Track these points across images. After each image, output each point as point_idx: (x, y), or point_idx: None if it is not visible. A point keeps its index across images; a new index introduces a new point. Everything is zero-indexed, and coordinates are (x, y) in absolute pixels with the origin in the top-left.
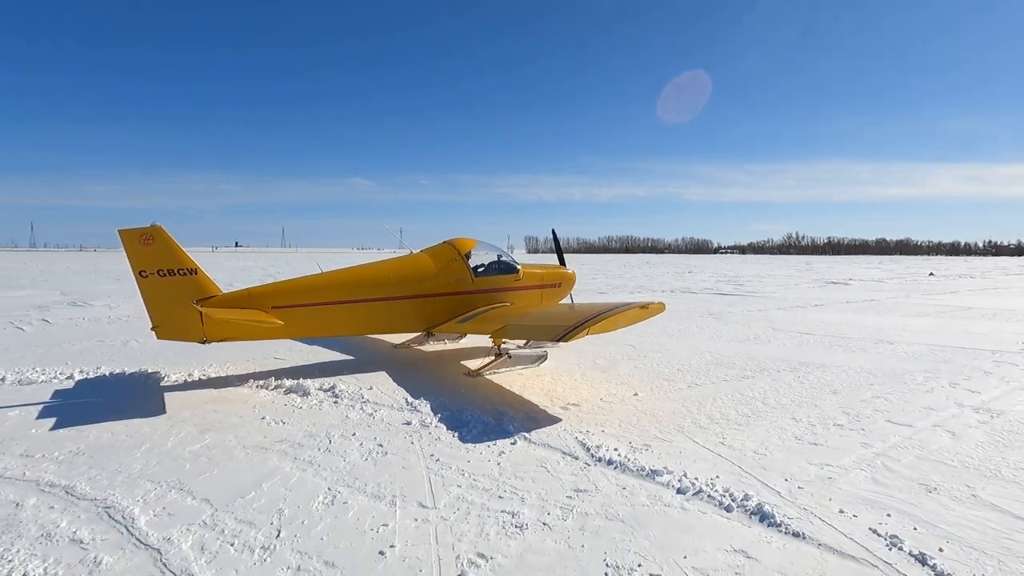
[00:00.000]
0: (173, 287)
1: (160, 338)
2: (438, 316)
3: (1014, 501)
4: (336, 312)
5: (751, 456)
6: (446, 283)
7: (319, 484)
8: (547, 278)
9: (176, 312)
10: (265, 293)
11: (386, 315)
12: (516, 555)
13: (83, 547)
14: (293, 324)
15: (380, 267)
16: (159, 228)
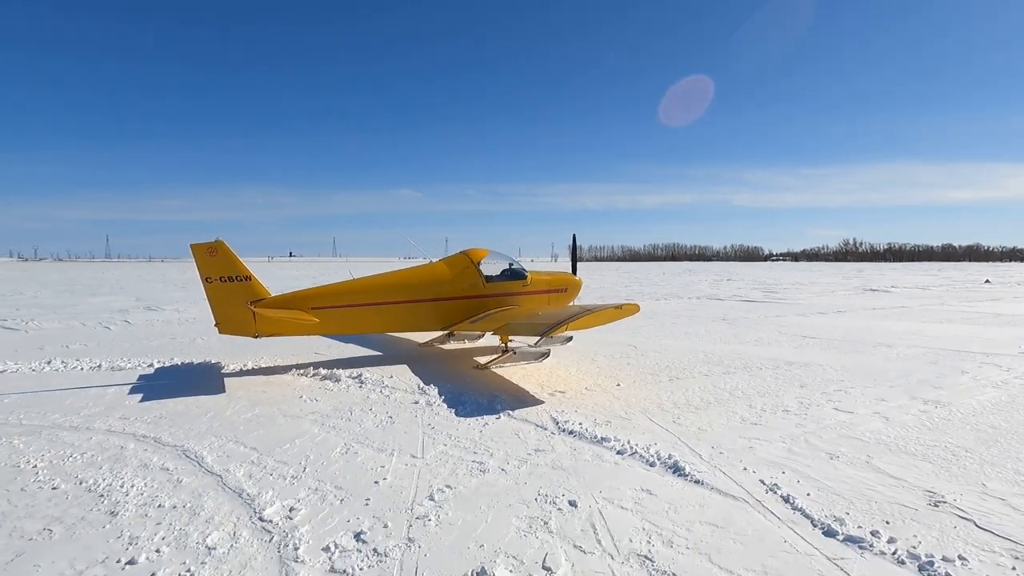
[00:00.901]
0: (232, 291)
1: (222, 333)
2: (453, 317)
3: (899, 467)
4: (365, 313)
5: (694, 432)
6: (460, 288)
7: (338, 441)
8: (553, 284)
9: (234, 311)
10: (306, 296)
11: (408, 316)
12: (474, 487)
13: (169, 472)
14: (328, 322)
15: (403, 274)
16: (221, 243)
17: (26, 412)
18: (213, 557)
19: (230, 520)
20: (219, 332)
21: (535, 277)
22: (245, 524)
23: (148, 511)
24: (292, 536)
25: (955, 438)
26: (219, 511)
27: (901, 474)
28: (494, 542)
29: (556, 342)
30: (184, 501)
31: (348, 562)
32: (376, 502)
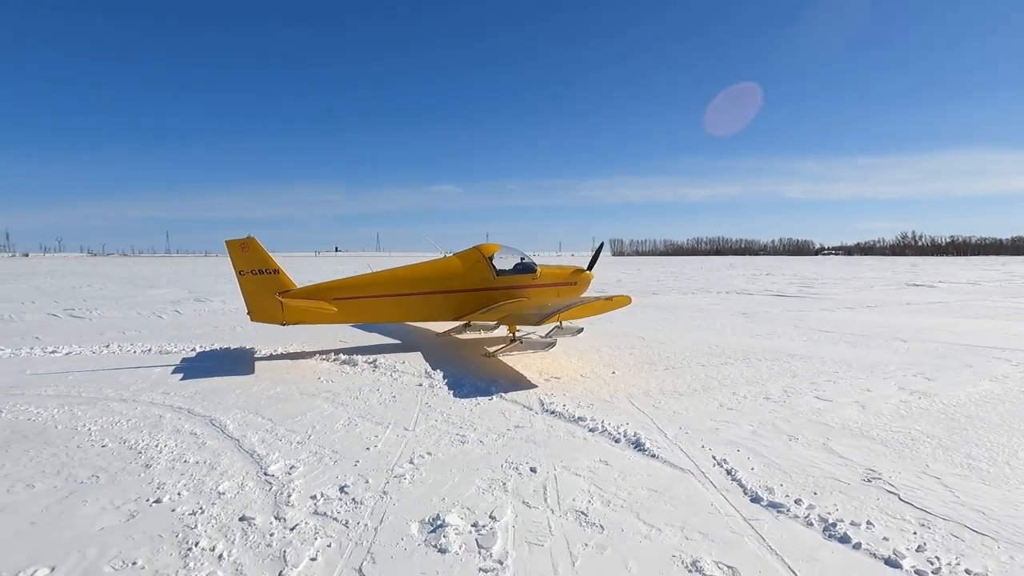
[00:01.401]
0: (262, 282)
1: (253, 320)
2: (465, 308)
3: (852, 449)
4: (382, 303)
5: (668, 415)
6: (471, 281)
7: (343, 415)
8: (562, 277)
9: (264, 301)
10: (329, 288)
11: (422, 307)
12: (451, 455)
13: (196, 436)
14: (348, 312)
15: (418, 268)
16: (252, 239)
17: (85, 386)
18: (222, 499)
19: (240, 474)
20: (251, 320)
21: (544, 271)
22: (252, 477)
23: (175, 465)
24: (288, 487)
25: (924, 426)
26: (232, 467)
27: (850, 455)
28: (455, 497)
29: (567, 333)
30: (205, 458)
31: (329, 507)
32: (364, 464)
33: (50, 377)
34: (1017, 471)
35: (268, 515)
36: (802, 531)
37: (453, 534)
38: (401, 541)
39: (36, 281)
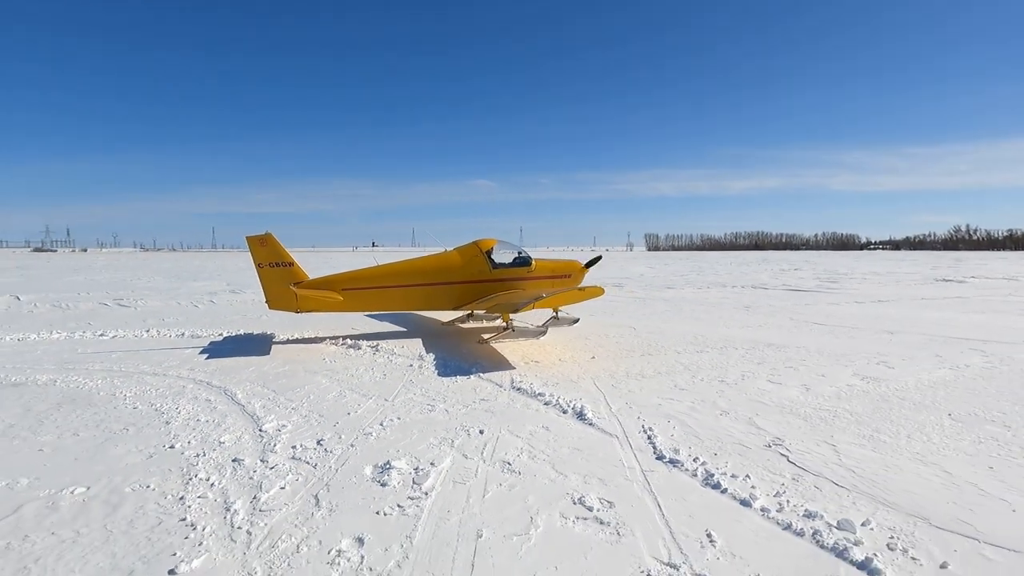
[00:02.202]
0: (278, 274)
1: (271, 308)
2: (464, 299)
3: (772, 423)
4: (386, 294)
5: (622, 393)
6: (469, 274)
7: (336, 388)
8: (557, 270)
9: (280, 291)
10: (338, 279)
11: (423, 297)
12: (417, 420)
13: (210, 402)
14: (355, 302)
15: (420, 261)
16: (270, 235)
17: (125, 363)
18: (221, 447)
19: (239, 429)
20: (269, 308)
21: (540, 264)
22: (248, 432)
23: (189, 422)
24: (276, 439)
25: (853, 405)
26: (235, 425)
27: (767, 427)
28: (407, 449)
29: (563, 323)
30: (214, 418)
31: (304, 454)
32: (341, 424)
33: (97, 355)
34: (912, 443)
35: (255, 458)
36: (685, 480)
37: (396, 474)
38: (354, 478)
39: (91, 275)
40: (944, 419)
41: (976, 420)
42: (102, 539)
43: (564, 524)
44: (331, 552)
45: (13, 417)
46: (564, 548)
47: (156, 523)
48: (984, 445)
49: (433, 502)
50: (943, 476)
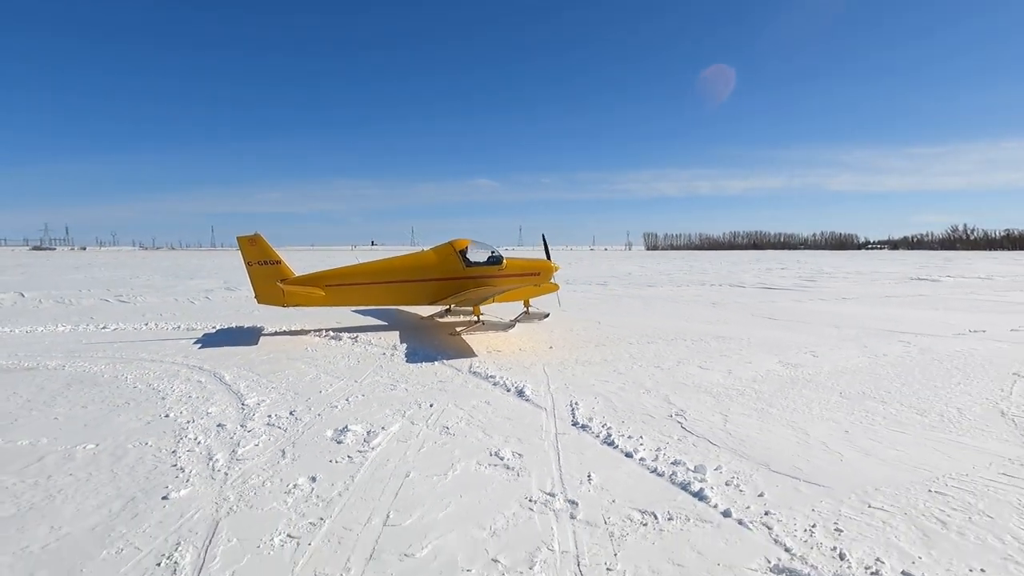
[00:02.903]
0: (266, 272)
1: (259, 303)
2: (439, 294)
3: (683, 398)
4: (366, 290)
5: (567, 377)
6: (443, 271)
7: (313, 372)
8: (527, 268)
9: (268, 287)
10: (322, 276)
11: (400, 293)
12: (378, 397)
13: (201, 383)
14: (337, 297)
15: (398, 259)
16: (259, 235)
17: (126, 352)
18: (208, 416)
19: (225, 403)
20: (257, 302)
21: (511, 263)
22: (232, 405)
23: (182, 398)
24: (255, 411)
25: (763, 386)
26: (221, 400)
27: (677, 402)
28: (365, 417)
29: (534, 318)
30: (204, 395)
31: (278, 421)
32: (312, 400)
33: (100, 345)
34: (793, 414)
35: (236, 424)
36: (588, 440)
37: (351, 435)
38: (316, 438)
39: (92, 272)
40: (834, 396)
41: (861, 397)
42: (109, 478)
43: (477, 468)
44: (289, 486)
45: (29, 394)
46: (472, 484)
47: (152, 468)
48: (854, 416)
49: (377, 454)
50: (801, 437)
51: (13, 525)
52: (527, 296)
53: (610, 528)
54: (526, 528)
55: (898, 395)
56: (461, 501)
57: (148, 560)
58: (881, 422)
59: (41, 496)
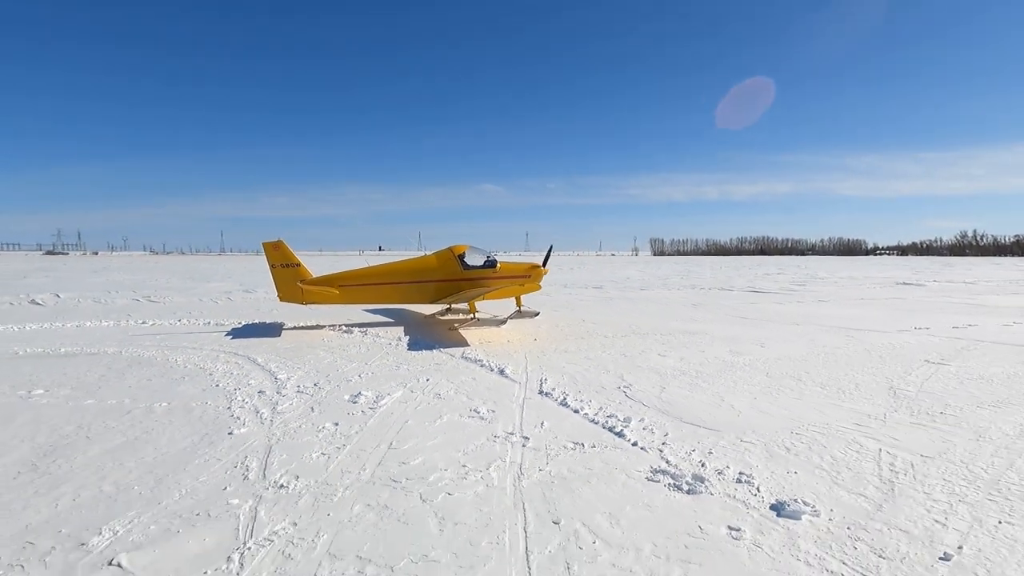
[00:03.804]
0: (288, 273)
1: (281, 300)
2: (439, 295)
3: (634, 376)
4: (374, 290)
5: (542, 361)
6: (443, 274)
7: (330, 357)
8: (519, 271)
9: (289, 287)
10: (337, 277)
11: (404, 293)
12: (385, 373)
13: (239, 364)
14: (350, 296)
15: (403, 263)
16: (281, 241)
17: (169, 341)
18: (250, 385)
19: (261, 377)
20: (279, 300)
21: (504, 266)
22: (267, 379)
23: (226, 374)
24: (287, 382)
25: (706, 368)
26: (258, 375)
27: (629, 379)
28: (373, 387)
29: (526, 316)
30: (243, 372)
31: (305, 389)
32: (331, 376)
33: (145, 336)
34: (719, 387)
35: (273, 391)
36: (548, 402)
37: (363, 398)
38: (336, 400)
39: (112, 276)
40: (760, 376)
41: (782, 377)
42: (185, 423)
43: (459, 419)
44: (319, 428)
45: (101, 371)
46: (453, 427)
47: (215, 417)
48: (768, 389)
49: (383, 410)
50: (716, 401)
51: (128, 448)
52: (513, 294)
53: (548, 451)
54: (488, 451)
55: (815, 375)
56: (444, 436)
57: (227, 465)
58: (787, 393)
59: (140, 432)
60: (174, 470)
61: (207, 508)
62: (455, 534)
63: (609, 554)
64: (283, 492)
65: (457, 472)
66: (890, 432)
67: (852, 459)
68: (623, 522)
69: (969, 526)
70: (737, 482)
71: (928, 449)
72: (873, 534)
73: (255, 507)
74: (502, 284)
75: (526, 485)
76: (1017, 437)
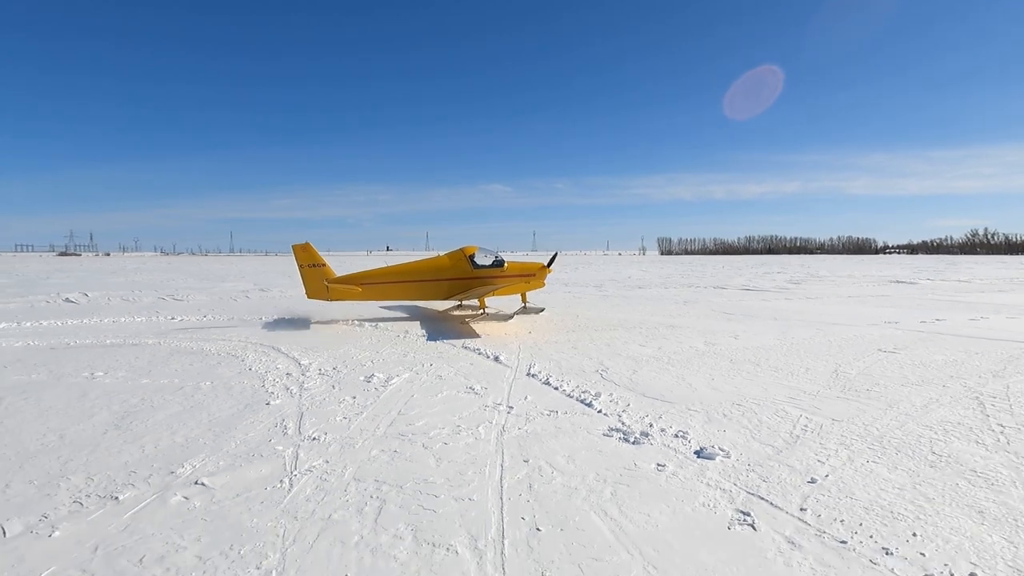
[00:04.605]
0: (315, 272)
1: (309, 298)
2: (451, 292)
3: (612, 362)
4: (393, 287)
5: (535, 351)
6: (455, 273)
7: (345, 347)
8: (524, 269)
9: (316, 285)
10: (359, 276)
11: (420, 290)
12: (393, 359)
13: (267, 352)
14: (371, 293)
15: (419, 263)
16: (309, 244)
17: (200, 334)
18: (278, 369)
19: (287, 363)
20: (307, 297)
21: (511, 265)
22: (293, 364)
23: (256, 360)
24: (309, 367)
25: (678, 356)
26: (284, 361)
27: (607, 364)
28: (384, 370)
29: (531, 312)
30: (271, 358)
31: (325, 372)
32: (348, 362)
33: (177, 331)
34: (685, 371)
35: (298, 373)
36: (533, 382)
37: (375, 379)
38: (353, 380)
39: (128, 276)
40: (724, 362)
41: (743, 362)
42: (228, 396)
43: (456, 394)
44: (340, 400)
45: (147, 359)
46: (451, 400)
47: (253, 392)
48: (726, 372)
49: (393, 388)
50: (679, 382)
51: (187, 414)
52: (518, 291)
53: (528, 416)
54: (479, 416)
55: (773, 362)
56: (443, 406)
57: (269, 426)
58: (742, 375)
59: (193, 403)
60: (228, 428)
61: (259, 452)
62: (449, 467)
63: (562, 479)
64: (316, 442)
65: (452, 430)
66: (817, 404)
67: (774, 422)
68: (577, 461)
69: (843, 463)
70: (674, 437)
71: (841, 416)
72: (766, 468)
73: (296, 451)
74: (509, 282)
75: (506, 438)
76: (922, 407)
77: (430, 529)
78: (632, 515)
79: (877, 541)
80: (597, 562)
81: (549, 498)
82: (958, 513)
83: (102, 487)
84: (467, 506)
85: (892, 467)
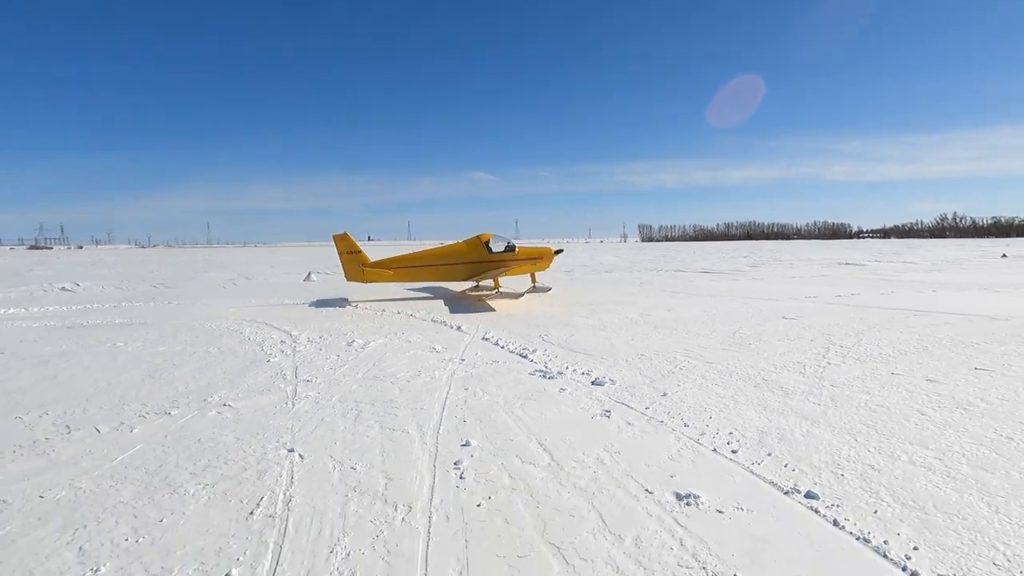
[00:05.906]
0: (352, 259)
1: (348, 281)
2: (470, 274)
3: (555, 330)
4: (421, 270)
5: (493, 323)
6: (472, 257)
7: (330, 322)
8: (533, 254)
9: (354, 269)
10: (390, 260)
11: (445, 273)
12: (373, 330)
13: (261, 328)
14: (401, 275)
15: (443, 248)
16: (347, 234)
17: (199, 314)
18: (272, 339)
19: (280, 334)
20: (346, 280)
21: (521, 250)
22: (285, 334)
23: (253, 333)
24: (299, 336)
25: (614, 325)
26: (277, 333)
27: (550, 331)
28: (363, 337)
29: (540, 291)
30: (265, 331)
31: (313, 339)
32: (332, 332)
33: (177, 314)
34: (613, 335)
35: (290, 341)
36: (486, 344)
37: (355, 343)
38: (336, 345)
39: (109, 268)
40: (648, 328)
41: (663, 327)
42: (235, 357)
43: (420, 353)
44: (326, 358)
45: (157, 333)
46: (415, 356)
47: (254, 354)
48: (646, 334)
49: (370, 349)
50: (603, 341)
51: (205, 369)
52: (526, 271)
53: (475, 364)
54: (437, 365)
55: (688, 327)
56: (409, 360)
57: (272, 374)
58: (658, 337)
59: (207, 363)
60: (239, 376)
61: (267, 388)
62: (409, 394)
63: (488, 398)
64: (309, 383)
65: (414, 373)
66: (703, 354)
67: (661, 364)
68: (503, 388)
69: (694, 386)
70: (582, 375)
71: (715, 360)
72: (637, 390)
73: (295, 388)
74: (520, 264)
75: (455, 378)
76: (782, 354)
77: (392, 424)
78: (531, 413)
79: (683, 421)
80: (499, 435)
81: (477, 407)
82: (749, 409)
83: (156, 408)
84: (419, 412)
85: (725, 387)
